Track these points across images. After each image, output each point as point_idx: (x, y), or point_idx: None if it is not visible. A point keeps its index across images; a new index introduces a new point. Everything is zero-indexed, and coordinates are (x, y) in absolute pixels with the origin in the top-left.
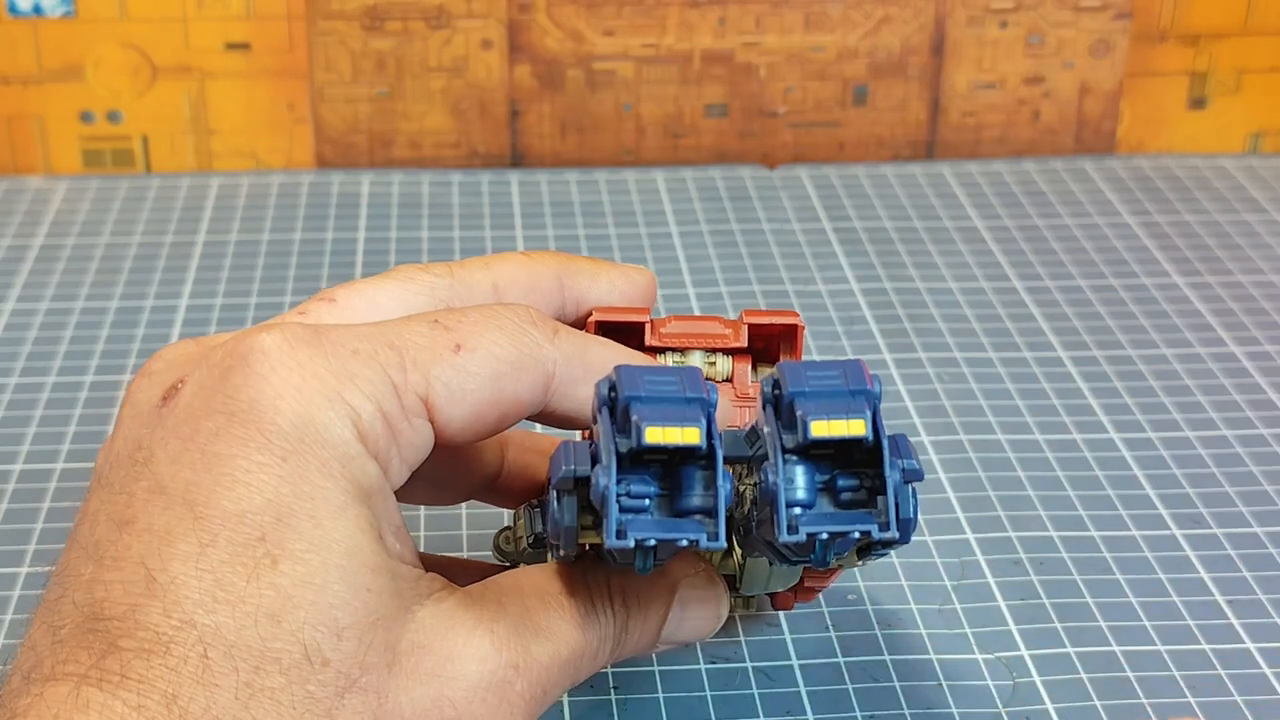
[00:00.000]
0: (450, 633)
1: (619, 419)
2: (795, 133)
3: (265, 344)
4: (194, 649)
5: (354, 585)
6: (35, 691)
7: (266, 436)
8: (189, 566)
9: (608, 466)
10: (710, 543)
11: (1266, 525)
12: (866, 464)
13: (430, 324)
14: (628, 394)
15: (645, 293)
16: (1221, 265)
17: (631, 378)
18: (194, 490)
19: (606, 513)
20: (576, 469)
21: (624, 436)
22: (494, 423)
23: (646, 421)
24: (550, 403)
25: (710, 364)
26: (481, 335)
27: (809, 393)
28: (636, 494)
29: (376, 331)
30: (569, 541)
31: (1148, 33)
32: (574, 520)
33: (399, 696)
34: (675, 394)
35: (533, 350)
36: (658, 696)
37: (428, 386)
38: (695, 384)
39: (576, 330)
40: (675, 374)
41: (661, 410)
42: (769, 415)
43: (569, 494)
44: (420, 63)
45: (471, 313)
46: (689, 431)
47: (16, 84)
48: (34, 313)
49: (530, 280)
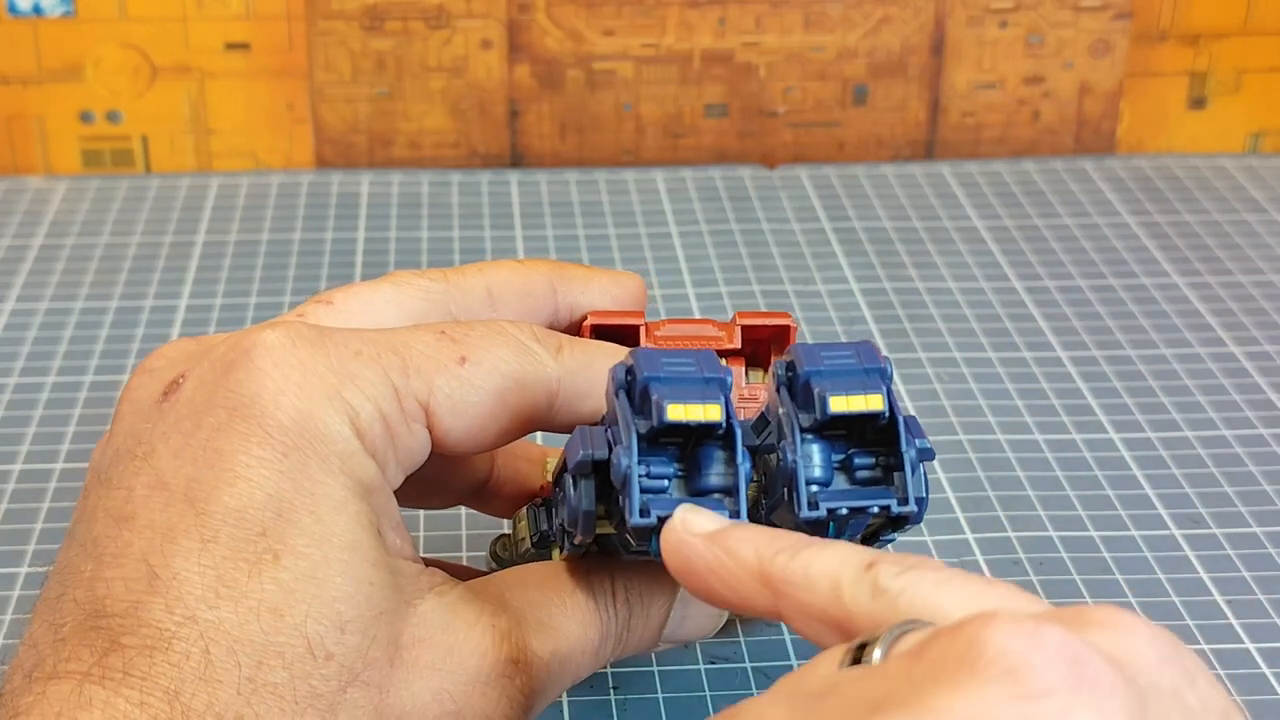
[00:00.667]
0: (451, 626)
1: (637, 400)
2: (795, 133)
3: (268, 340)
4: (196, 645)
5: (356, 579)
6: (38, 690)
7: (267, 432)
8: (191, 563)
9: (629, 447)
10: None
11: (1266, 525)
12: (880, 443)
13: (437, 334)
14: (647, 375)
15: (636, 297)
16: (1221, 265)
17: (650, 359)
18: (195, 486)
19: (629, 492)
20: (595, 453)
21: (642, 418)
22: (494, 436)
23: (667, 400)
24: (554, 419)
25: None
26: (487, 350)
27: (825, 371)
28: (656, 474)
29: (381, 336)
30: (587, 527)
31: (1147, 33)
32: (592, 504)
33: (400, 690)
34: (693, 374)
35: (536, 367)
36: (657, 697)
37: (429, 395)
38: (712, 365)
39: (581, 342)
40: (691, 356)
41: (681, 390)
42: (783, 396)
43: (587, 478)
44: (420, 63)
45: (478, 326)
46: (710, 409)
47: (16, 84)
48: (34, 313)
49: (524, 286)
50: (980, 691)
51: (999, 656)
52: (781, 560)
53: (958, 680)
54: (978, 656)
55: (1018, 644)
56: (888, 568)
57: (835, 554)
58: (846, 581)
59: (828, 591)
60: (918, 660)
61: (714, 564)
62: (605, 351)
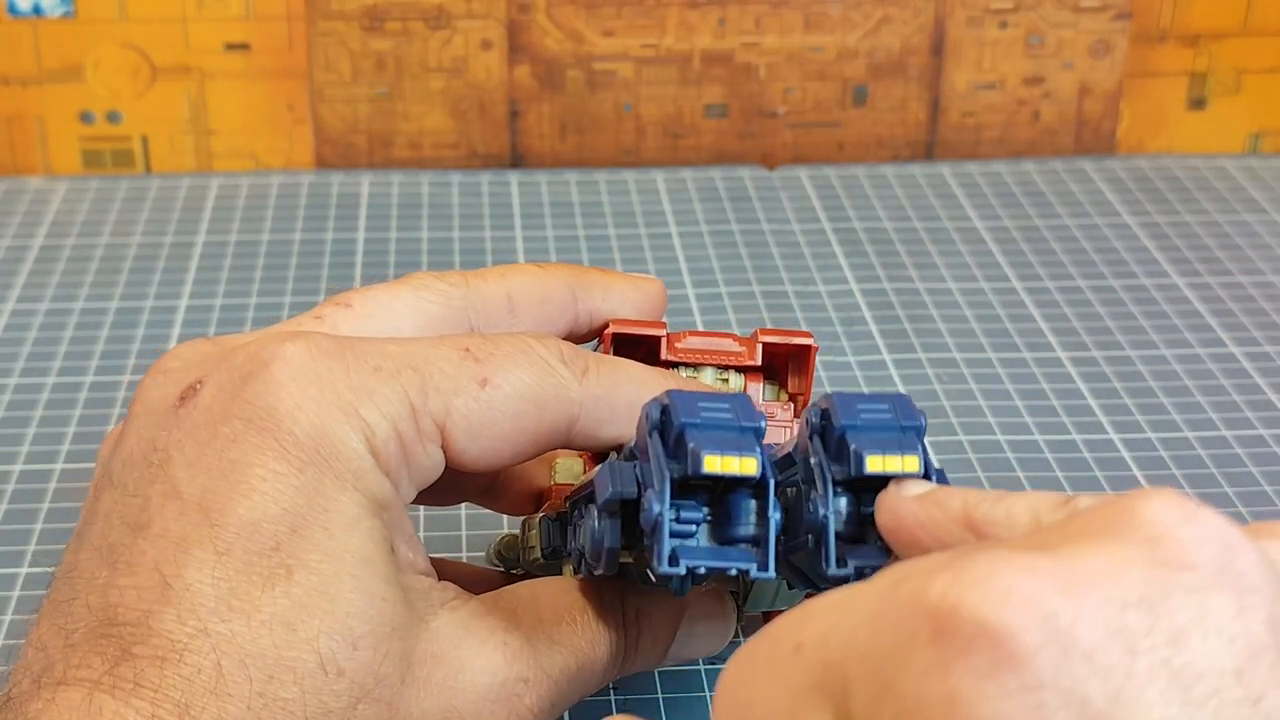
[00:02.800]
0: (464, 643)
1: (671, 444)
2: (795, 133)
3: (288, 353)
4: (208, 658)
5: (369, 595)
6: (47, 696)
7: (283, 446)
8: (204, 574)
9: (661, 492)
10: (760, 573)
11: None
12: None
13: (461, 352)
14: (683, 420)
15: (656, 302)
16: (1221, 266)
17: (687, 404)
18: (210, 497)
19: (658, 539)
20: (624, 491)
21: (676, 461)
22: (509, 457)
23: (705, 450)
24: (573, 441)
25: (723, 380)
26: (509, 371)
27: (861, 426)
28: (686, 519)
29: (402, 351)
30: (610, 563)
31: (1147, 33)
32: (617, 542)
33: (410, 707)
34: (729, 422)
35: (559, 391)
36: (657, 697)
37: (446, 415)
38: (749, 412)
39: (608, 365)
40: (728, 401)
41: (717, 438)
42: (816, 445)
43: (613, 516)
44: (420, 63)
45: (504, 344)
46: (746, 462)
47: (16, 84)
48: (34, 313)
49: (544, 292)
50: (1117, 550)
51: (1147, 524)
52: (985, 506)
53: (1100, 538)
54: (1127, 521)
55: (1170, 516)
56: (1084, 499)
57: (1034, 495)
58: (1045, 511)
59: (1029, 524)
60: (1072, 520)
61: (923, 518)
62: (631, 377)
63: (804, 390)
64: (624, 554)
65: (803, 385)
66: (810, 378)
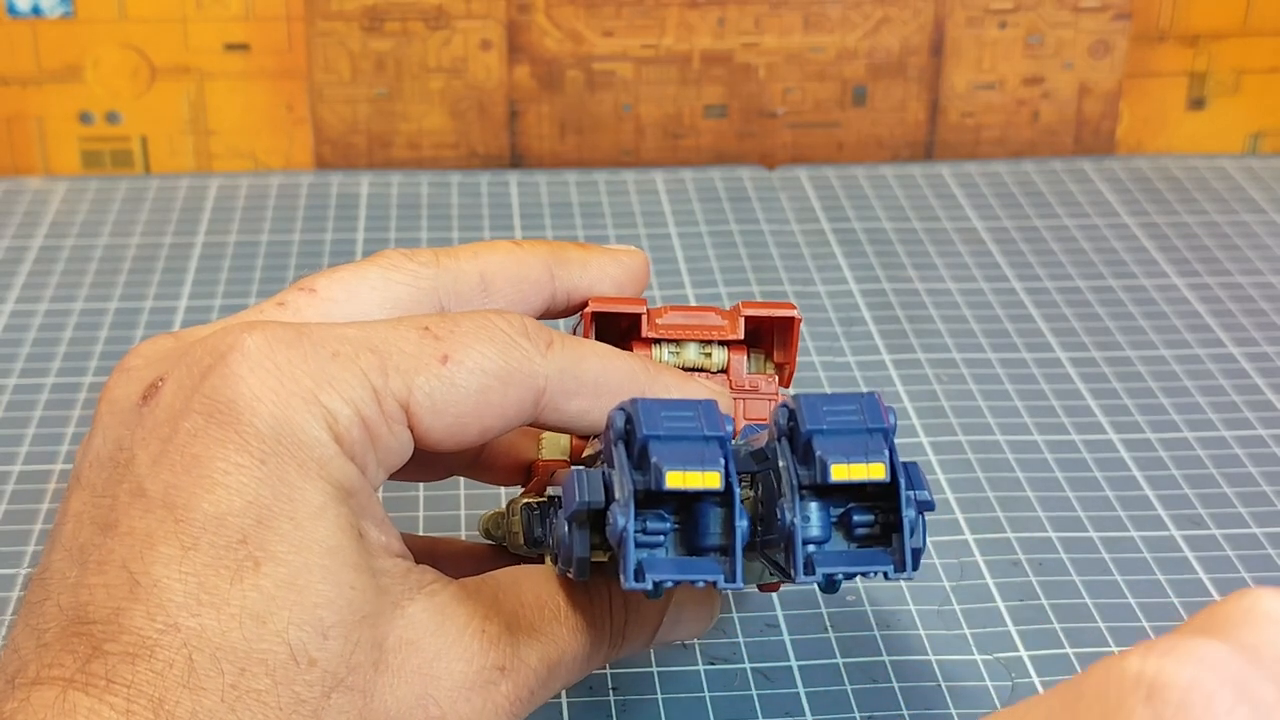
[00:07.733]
0: (441, 629)
1: (636, 456)
2: (794, 133)
3: (246, 344)
4: (179, 653)
5: (337, 584)
6: (21, 695)
7: (244, 438)
8: (172, 570)
9: (625, 506)
10: (727, 584)
11: (1265, 526)
12: (881, 496)
13: (420, 331)
14: (646, 432)
15: (637, 277)
16: (1220, 266)
17: (650, 414)
18: (174, 493)
19: (624, 554)
20: (590, 501)
21: (641, 474)
22: (477, 434)
23: (667, 465)
24: (540, 416)
25: (706, 355)
26: (470, 347)
27: (827, 431)
28: (652, 530)
29: (360, 334)
30: (581, 570)
31: (1147, 33)
32: (587, 551)
33: (385, 695)
34: (694, 431)
35: (523, 364)
36: (656, 698)
37: (409, 395)
38: (713, 420)
39: (573, 340)
40: (693, 409)
41: (681, 450)
42: (784, 449)
43: (582, 526)
44: (419, 63)
45: (464, 321)
46: (710, 476)
47: (15, 85)
48: (33, 313)
49: (519, 271)
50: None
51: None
52: None
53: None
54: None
55: None
56: None
57: None
58: None
59: None
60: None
61: None
62: (597, 351)
63: (789, 360)
64: (598, 554)
65: (788, 356)
66: (795, 348)
